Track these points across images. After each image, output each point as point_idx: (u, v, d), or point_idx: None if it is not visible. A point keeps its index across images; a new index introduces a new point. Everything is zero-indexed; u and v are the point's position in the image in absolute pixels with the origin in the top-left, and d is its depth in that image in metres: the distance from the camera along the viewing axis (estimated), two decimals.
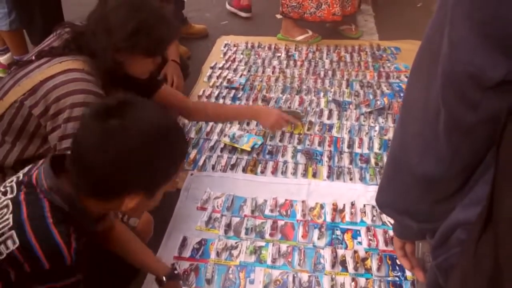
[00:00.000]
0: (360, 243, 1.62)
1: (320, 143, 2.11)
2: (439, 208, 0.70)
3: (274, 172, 1.94)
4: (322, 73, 2.68)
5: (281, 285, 1.47)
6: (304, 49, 2.97)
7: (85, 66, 1.39)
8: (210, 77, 2.65)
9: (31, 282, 0.84)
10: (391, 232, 1.50)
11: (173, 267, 1.28)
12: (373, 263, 1.53)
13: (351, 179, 1.89)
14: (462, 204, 0.65)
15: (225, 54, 2.93)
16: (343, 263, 1.54)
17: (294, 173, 1.93)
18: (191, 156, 2.02)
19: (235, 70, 2.73)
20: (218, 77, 2.64)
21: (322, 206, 1.76)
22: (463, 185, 0.66)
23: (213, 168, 1.96)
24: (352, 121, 2.25)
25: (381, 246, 1.60)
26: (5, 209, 0.83)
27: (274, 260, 1.54)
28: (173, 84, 2.20)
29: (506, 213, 0.49)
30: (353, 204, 1.76)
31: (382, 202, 0.81)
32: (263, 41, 3.06)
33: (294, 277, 1.48)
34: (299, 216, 1.72)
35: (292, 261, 1.55)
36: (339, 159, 2.01)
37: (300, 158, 2.02)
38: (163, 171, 0.93)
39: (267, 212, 1.74)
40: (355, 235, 1.65)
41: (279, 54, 2.91)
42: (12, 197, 0.85)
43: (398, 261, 1.49)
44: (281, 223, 1.69)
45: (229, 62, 2.82)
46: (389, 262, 1.53)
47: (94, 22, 1.42)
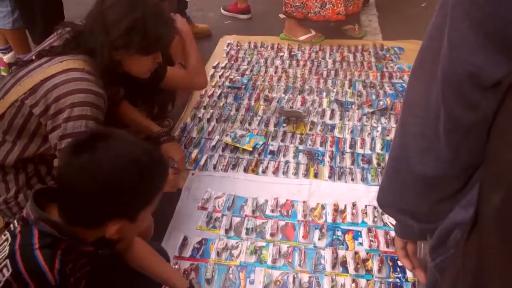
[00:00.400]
0: (361, 244, 1.61)
1: (322, 144, 2.10)
2: (440, 208, 0.70)
3: (275, 172, 1.93)
4: (324, 73, 2.67)
5: (281, 286, 1.46)
6: (307, 49, 2.96)
7: (86, 65, 1.39)
8: (212, 76, 2.65)
9: None
10: (393, 233, 1.51)
11: (191, 281, 1.31)
12: (374, 264, 1.52)
13: (352, 180, 1.88)
14: (460, 205, 0.65)
15: (227, 53, 2.93)
16: (344, 264, 1.53)
17: (296, 173, 1.93)
18: (193, 156, 2.02)
19: (237, 70, 2.73)
20: (220, 77, 2.64)
21: (323, 207, 1.76)
22: (463, 185, 0.65)
23: (214, 167, 1.96)
24: (354, 122, 2.24)
25: (382, 247, 1.59)
26: (5, 242, 0.92)
27: (274, 260, 1.54)
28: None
29: (489, 212, 0.49)
30: (354, 205, 1.75)
31: (383, 202, 0.82)
32: (265, 40, 3.06)
33: (294, 278, 1.48)
34: (300, 217, 1.71)
35: (292, 261, 1.54)
36: (341, 160, 2.00)
37: (302, 158, 2.01)
38: (140, 197, 0.96)
39: (268, 212, 1.74)
40: (356, 236, 1.64)
41: (281, 54, 2.90)
42: (12, 231, 0.94)
43: (399, 263, 1.50)
44: (282, 223, 1.69)
45: (232, 62, 2.82)
46: (390, 263, 1.53)
47: (92, 20, 1.43)
